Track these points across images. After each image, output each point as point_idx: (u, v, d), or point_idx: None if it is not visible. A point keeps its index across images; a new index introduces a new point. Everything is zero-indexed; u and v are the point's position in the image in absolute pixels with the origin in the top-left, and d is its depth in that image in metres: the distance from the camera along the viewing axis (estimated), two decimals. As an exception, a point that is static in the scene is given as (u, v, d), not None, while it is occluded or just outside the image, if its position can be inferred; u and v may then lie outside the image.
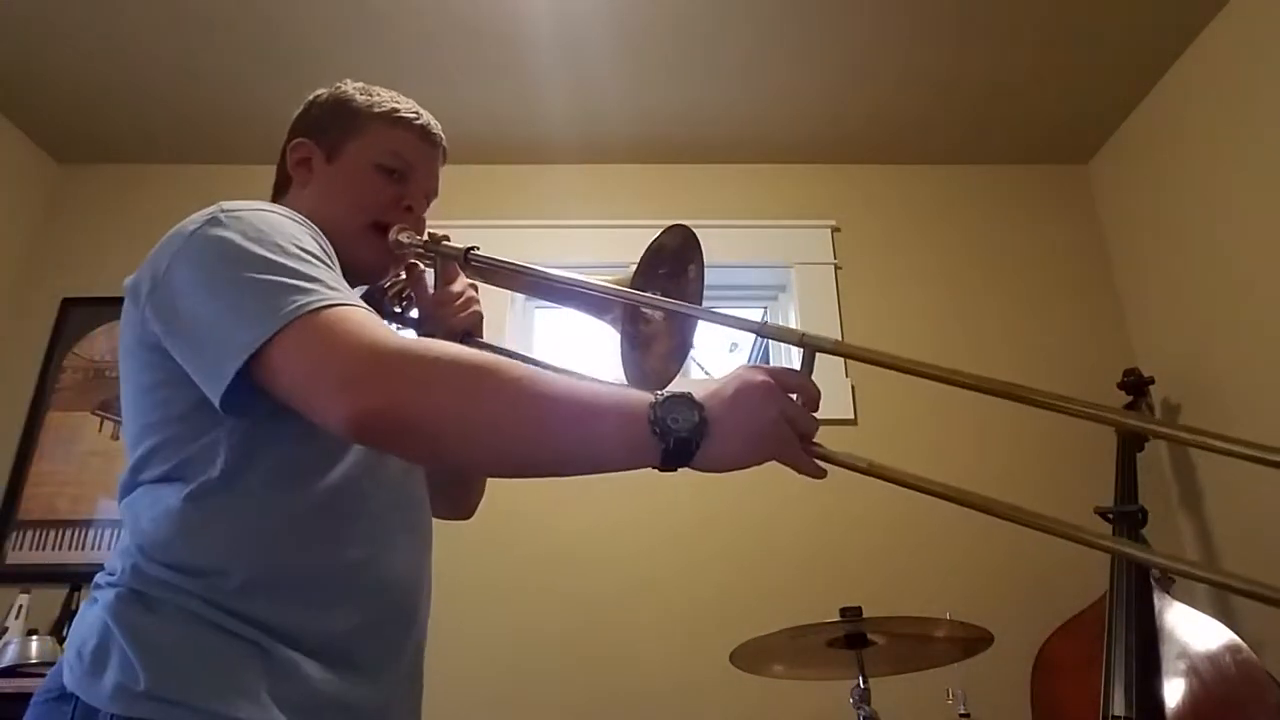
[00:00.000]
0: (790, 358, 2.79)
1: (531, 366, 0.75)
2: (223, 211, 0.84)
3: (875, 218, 2.88)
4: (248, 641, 0.76)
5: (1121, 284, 2.78)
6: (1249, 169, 2.23)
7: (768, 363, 2.95)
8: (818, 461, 0.78)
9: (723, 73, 2.57)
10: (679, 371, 1.01)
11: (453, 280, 1.08)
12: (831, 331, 2.69)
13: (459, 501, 1.17)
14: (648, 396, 0.72)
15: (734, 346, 3.50)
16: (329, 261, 0.84)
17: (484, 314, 1.10)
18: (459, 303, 1.07)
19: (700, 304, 1.00)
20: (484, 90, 2.60)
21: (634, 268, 0.94)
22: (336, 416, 0.70)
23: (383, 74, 2.64)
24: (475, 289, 1.10)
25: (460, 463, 0.86)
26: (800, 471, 0.77)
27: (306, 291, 0.76)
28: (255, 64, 2.50)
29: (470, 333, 1.07)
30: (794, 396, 0.78)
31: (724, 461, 0.74)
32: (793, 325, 2.79)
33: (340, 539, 0.86)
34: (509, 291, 1.60)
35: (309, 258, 0.81)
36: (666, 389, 0.76)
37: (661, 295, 0.94)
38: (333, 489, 0.86)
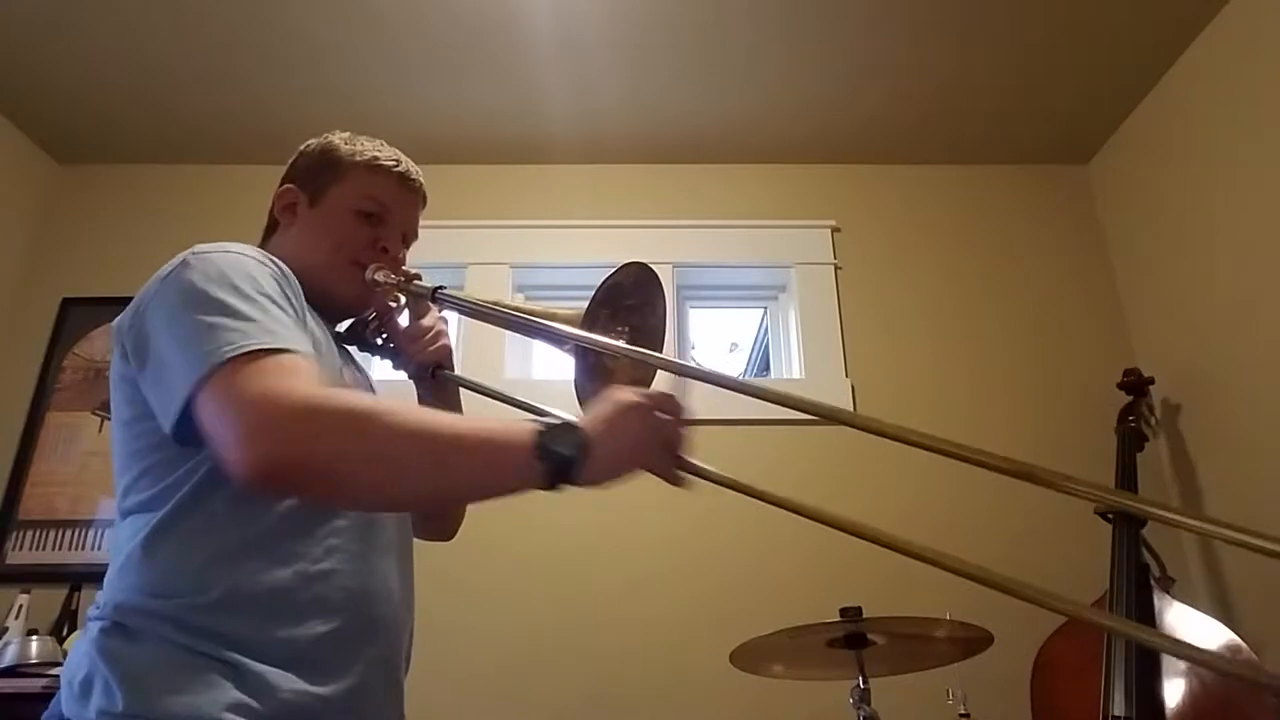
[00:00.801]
0: (790, 360, 2.79)
1: (422, 409, 0.83)
2: (192, 254, 0.91)
3: (875, 218, 2.88)
4: (216, 660, 0.81)
5: (1121, 284, 2.78)
6: (1249, 169, 2.24)
7: (768, 365, 2.95)
8: (684, 474, 0.88)
9: (723, 73, 2.57)
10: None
11: (423, 315, 1.16)
12: (832, 331, 2.69)
13: (438, 529, 1.23)
14: (534, 427, 0.80)
15: (734, 346, 3.51)
16: (281, 301, 0.89)
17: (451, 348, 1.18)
18: (428, 337, 1.15)
19: (660, 341, 1.02)
20: (484, 90, 2.60)
21: (587, 304, 0.98)
22: (235, 470, 0.76)
23: (383, 74, 2.66)
24: (445, 323, 1.18)
25: (363, 505, 0.89)
26: (666, 480, 0.88)
27: (242, 334, 0.81)
28: (255, 64, 2.50)
29: (440, 365, 1.15)
30: (665, 415, 0.86)
31: (603, 476, 0.82)
32: (793, 325, 2.79)
33: (303, 554, 0.89)
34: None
35: (259, 298, 0.86)
36: (549, 421, 0.83)
37: (627, 328, 0.99)
38: (296, 506, 0.90)
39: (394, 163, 1.16)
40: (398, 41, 2.42)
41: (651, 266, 1.01)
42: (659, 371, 0.98)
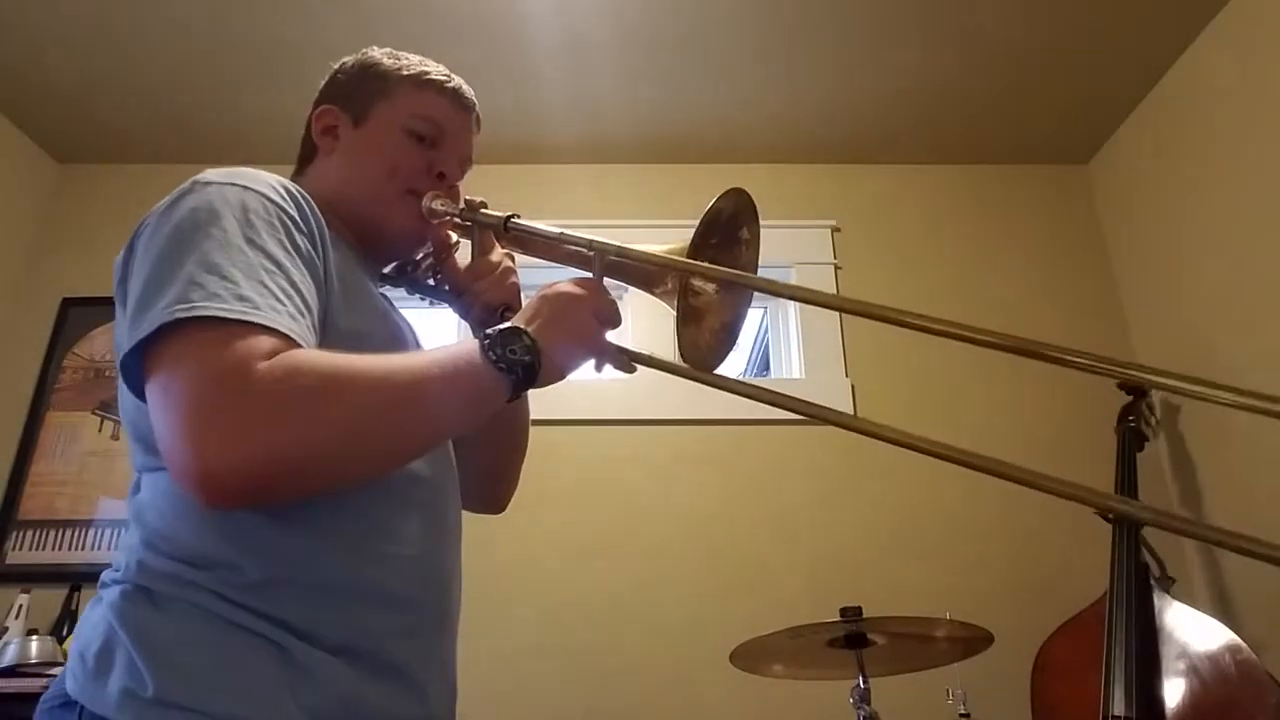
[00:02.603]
0: (790, 360, 2.79)
1: (371, 357, 0.72)
2: (195, 181, 0.79)
3: (875, 218, 2.88)
4: (263, 638, 0.70)
5: (1121, 284, 2.78)
6: (1249, 169, 2.23)
7: (768, 365, 2.95)
8: (627, 359, 0.87)
9: (723, 73, 2.57)
10: (731, 349, 0.97)
11: (489, 250, 1.03)
12: (832, 331, 2.69)
13: (492, 497, 1.13)
14: (474, 344, 0.76)
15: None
16: (280, 253, 0.75)
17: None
18: (497, 274, 1.01)
19: (755, 272, 0.97)
20: (484, 90, 2.57)
21: (689, 238, 0.91)
22: (181, 480, 0.65)
23: (383, 74, 2.64)
24: (513, 260, 1.05)
25: (340, 486, 0.75)
26: (614, 365, 0.87)
27: (207, 293, 0.67)
28: (255, 64, 2.50)
29: (510, 305, 1.01)
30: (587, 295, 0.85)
31: (560, 369, 0.81)
32: (793, 325, 2.79)
33: (373, 534, 0.79)
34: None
35: (247, 249, 0.72)
36: (489, 330, 0.79)
37: (712, 265, 0.91)
38: (370, 484, 0.79)
39: (446, 78, 1.04)
40: (396, 42, 2.39)
41: (749, 194, 0.95)
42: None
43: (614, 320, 0.86)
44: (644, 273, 0.94)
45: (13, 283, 2.73)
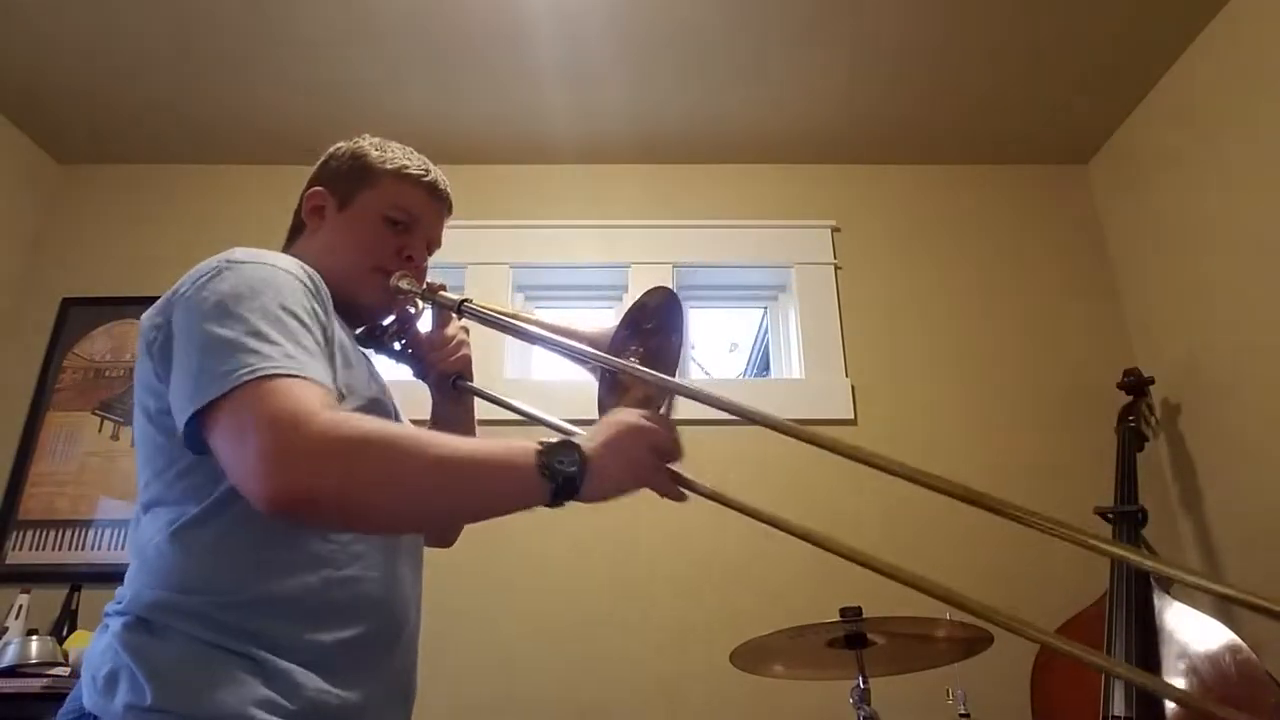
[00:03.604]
0: (790, 360, 2.79)
1: (431, 433, 0.84)
2: (228, 262, 0.91)
3: (875, 218, 2.88)
4: (243, 656, 0.82)
5: (1121, 284, 2.78)
6: (1248, 169, 2.23)
7: (768, 365, 2.95)
8: (680, 488, 0.95)
9: (723, 73, 2.57)
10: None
11: (446, 324, 1.17)
12: (832, 331, 2.69)
13: (440, 539, 1.24)
14: (534, 446, 0.84)
15: (734, 347, 3.51)
16: (310, 321, 0.89)
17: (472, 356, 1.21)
18: (450, 346, 1.16)
19: (675, 367, 1.04)
20: (484, 90, 2.60)
21: (619, 318, 1.00)
22: (254, 500, 0.76)
23: (383, 74, 2.66)
24: (467, 332, 1.20)
25: (376, 530, 0.91)
26: (664, 496, 0.95)
27: (262, 356, 0.80)
28: (255, 65, 2.50)
29: (461, 375, 1.17)
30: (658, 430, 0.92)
31: (603, 492, 0.88)
32: (793, 325, 2.79)
33: (331, 559, 0.90)
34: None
35: (287, 319, 0.86)
36: (547, 441, 0.87)
37: (641, 349, 1.02)
38: None
39: (423, 172, 1.17)
40: (398, 42, 2.42)
41: (676, 293, 1.03)
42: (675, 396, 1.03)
43: (673, 456, 0.93)
44: (570, 350, 1.03)
45: (13, 283, 2.73)
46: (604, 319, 1.02)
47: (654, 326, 1.03)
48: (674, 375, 1.02)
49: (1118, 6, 2.32)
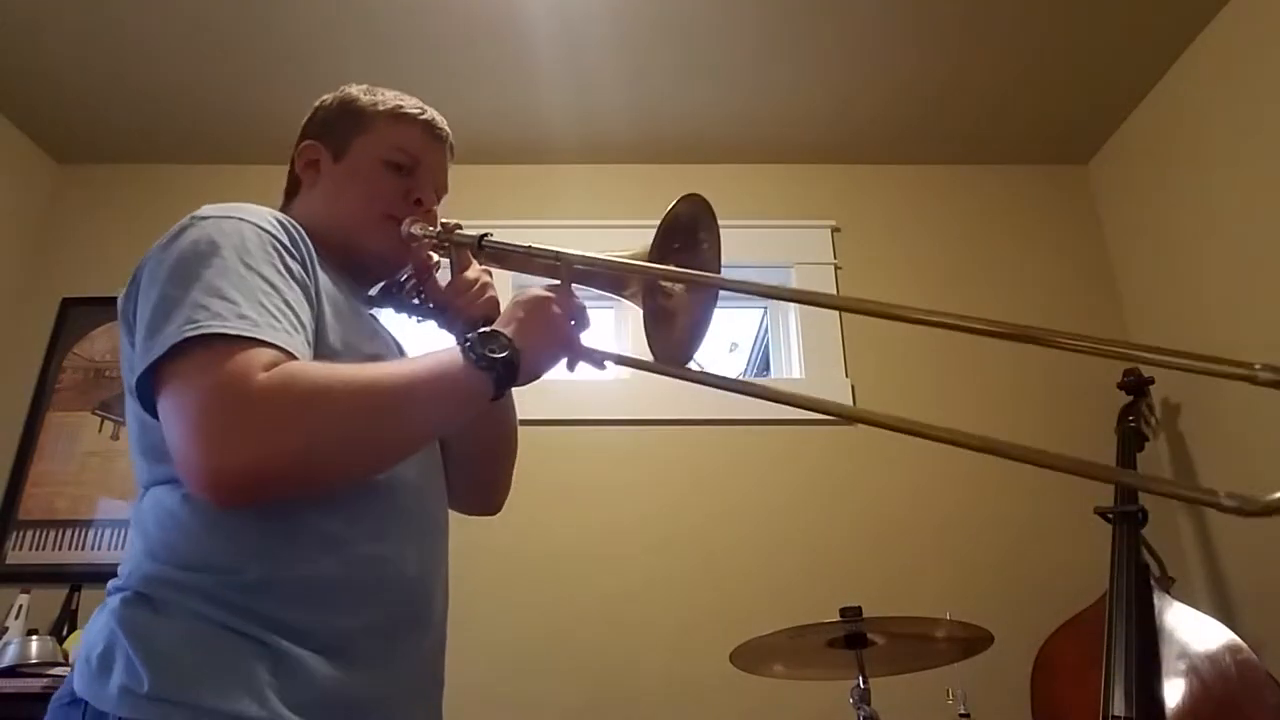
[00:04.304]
0: (790, 360, 2.79)
1: (356, 367, 0.80)
2: (192, 218, 0.86)
3: (875, 218, 2.88)
4: (253, 639, 0.75)
5: (1121, 284, 2.78)
6: (1249, 169, 2.23)
7: (768, 365, 2.95)
8: (598, 355, 0.93)
9: (723, 73, 2.57)
10: (701, 344, 1.00)
11: (467, 268, 1.08)
12: (832, 331, 2.69)
13: (487, 501, 1.17)
14: (456, 349, 0.83)
15: (734, 346, 3.51)
16: (277, 277, 0.82)
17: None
18: (475, 289, 1.06)
19: (718, 272, 1.00)
20: (484, 90, 2.60)
21: (650, 242, 0.95)
22: (193, 485, 0.72)
23: (383, 74, 2.64)
24: (490, 275, 1.09)
25: (337, 484, 0.83)
26: (589, 363, 0.93)
27: (211, 314, 0.75)
28: (255, 64, 2.50)
29: (490, 318, 1.03)
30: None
31: (537, 365, 0.88)
32: (793, 325, 2.79)
33: (358, 536, 0.84)
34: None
35: (246, 274, 0.80)
36: (468, 335, 0.85)
37: (671, 267, 0.95)
38: (361, 486, 0.85)
39: (419, 110, 1.11)
40: (396, 41, 2.42)
41: (702, 199, 0.99)
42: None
43: (582, 319, 0.93)
44: (611, 279, 1.00)
45: (13, 283, 2.72)
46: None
47: (681, 245, 0.97)
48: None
49: (1118, 7, 2.32)
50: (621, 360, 0.96)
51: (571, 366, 0.94)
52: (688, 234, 0.98)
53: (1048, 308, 2.75)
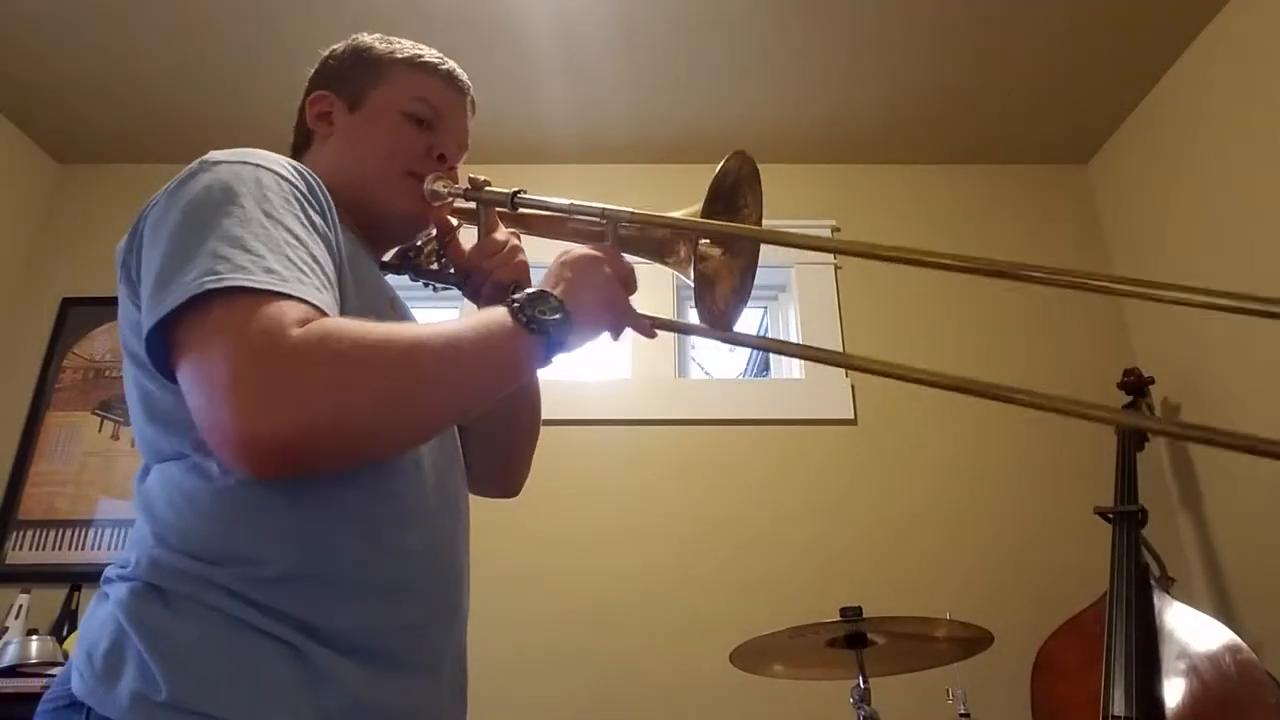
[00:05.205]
0: (790, 360, 2.79)
1: (402, 325, 0.74)
2: (203, 162, 0.78)
3: (875, 218, 2.88)
4: (279, 640, 0.68)
5: (1121, 284, 2.77)
6: (1248, 168, 2.23)
7: (768, 365, 2.95)
8: (647, 323, 0.87)
9: (723, 73, 2.57)
10: (742, 310, 0.98)
11: (495, 229, 1.00)
12: (832, 331, 2.69)
13: (507, 482, 1.11)
14: (503, 309, 0.75)
15: (734, 347, 3.50)
16: (300, 229, 0.74)
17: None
18: (506, 251, 0.98)
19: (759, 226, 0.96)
20: (484, 90, 2.57)
21: (699, 204, 0.90)
22: (223, 452, 0.65)
23: (383, 74, 2.63)
24: (518, 238, 1.02)
25: (380, 455, 0.75)
26: (636, 329, 0.86)
27: (233, 265, 0.66)
28: (255, 64, 2.50)
29: (520, 283, 0.98)
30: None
31: (590, 329, 0.80)
32: (793, 325, 2.79)
33: (388, 522, 0.77)
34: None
35: (269, 224, 0.72)
36: (515, 295, 0.78)
37: (726, 223, 0.93)
38: (388, 468, 0.78)
39: (439, 60, 1.03)
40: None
41: (748, 158, 0.95)
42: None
43: (631, 283, 0.86)
44: (656, 242, 0.93)
45: (13, 283, 2.73)
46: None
47: (724, 206, 0.92)
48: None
49: (1118, 8, 2.32)
50: (673, 326, 0.91)
51: (616, 335, 0.85)
52: (731, 196, 0.93)
53: (1048, 308, 2.74)
